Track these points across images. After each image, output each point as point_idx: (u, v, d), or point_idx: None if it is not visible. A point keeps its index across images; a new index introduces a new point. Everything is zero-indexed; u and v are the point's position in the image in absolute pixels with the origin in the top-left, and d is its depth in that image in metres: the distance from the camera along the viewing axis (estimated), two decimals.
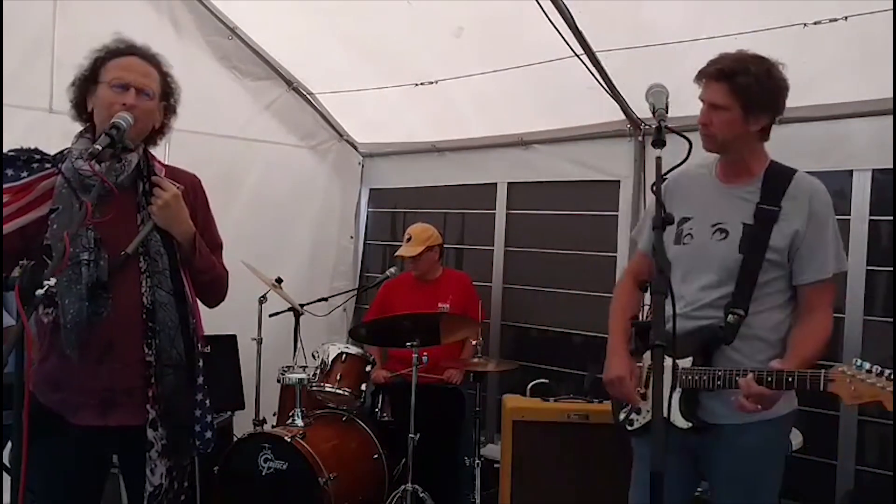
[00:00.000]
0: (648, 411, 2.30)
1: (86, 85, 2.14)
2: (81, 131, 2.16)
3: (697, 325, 2.19)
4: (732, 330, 2.14)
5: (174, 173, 2.26)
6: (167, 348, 2.08)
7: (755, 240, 2.16)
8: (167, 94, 2.21)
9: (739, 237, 2.19)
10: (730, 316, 2.14)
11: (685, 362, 2.19)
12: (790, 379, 1.98)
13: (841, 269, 2.22)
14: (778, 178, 2.22)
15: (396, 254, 4.31)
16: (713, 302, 2.19)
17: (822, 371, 1.96)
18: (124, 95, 2.07)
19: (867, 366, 1.89)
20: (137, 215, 2.12)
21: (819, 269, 2.17)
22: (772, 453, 2.27)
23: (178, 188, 2.14)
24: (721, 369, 2.10)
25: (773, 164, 2.27)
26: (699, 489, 2.55)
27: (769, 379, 2.00)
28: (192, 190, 2.28)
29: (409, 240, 4.29)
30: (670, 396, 2.17)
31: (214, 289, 2.31)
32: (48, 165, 2.06)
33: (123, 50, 2.15)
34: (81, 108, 2.16)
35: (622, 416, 2.40)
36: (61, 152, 2.14)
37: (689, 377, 2.16)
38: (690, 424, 2.19)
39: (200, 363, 2.20)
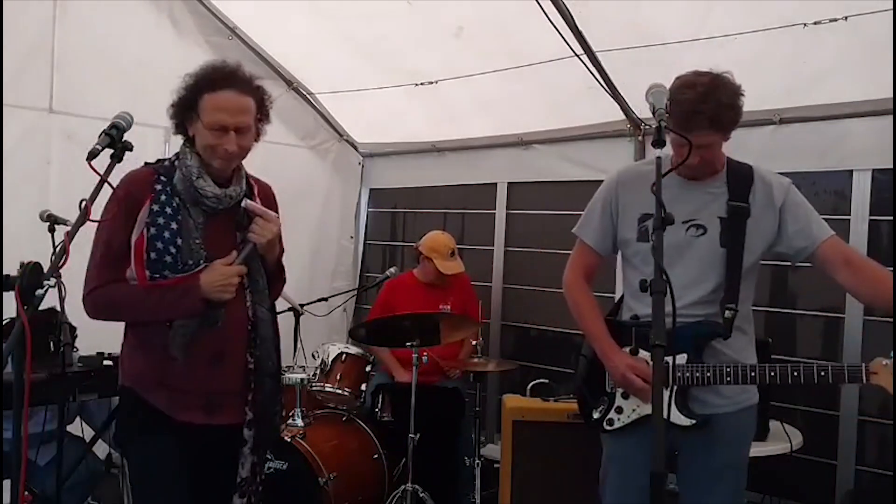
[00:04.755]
0: (634, 410, 2.29)
1: (184, 112, 2.15)
2: (190, 146, 2.17)
3: (685, 321, 2.16)
4: (729, 325, 2.18)
5: (258, 181, 2.35)
6: (265, 359, 2.22)
7: (733, 233, 2.20)
8: (260, 109, 2.23)
9: (718, 232, 2.21)
10: (727, 312, 2.17)
11: (679, 359, 2.20)
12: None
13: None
14: (740, 176, 2.26)
15: (444, 271, 4.17)
16: (701, 298, 2.20)
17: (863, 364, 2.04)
18: (224, 138, 2.10)
19: None
20: (237, 233, 2.20)
21: (822, 226, 2.21)
22: (750, 438, 2.38)
23: (276, 218, 2.23)
24: (729, 365, 2.15)
25: (730, 159, 2.29)
26: (671, 484, 2.52)
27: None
28: (269, 200, 2.37)
29: (452, 254, 4.25)
30: (667, 394, 2.15)
31: (278, 292, 2.46)
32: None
33: (220, 82, 2.13)
34: (182, 129, 2.19)
35: (597, 415, 2.36)
36: (172, 161, 2.18)
37: (688, 374, 2.18)
38: (693, 422, 2.20)
39: None
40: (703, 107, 2.07)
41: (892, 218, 3.30)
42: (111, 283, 2.08)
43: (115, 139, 1.95)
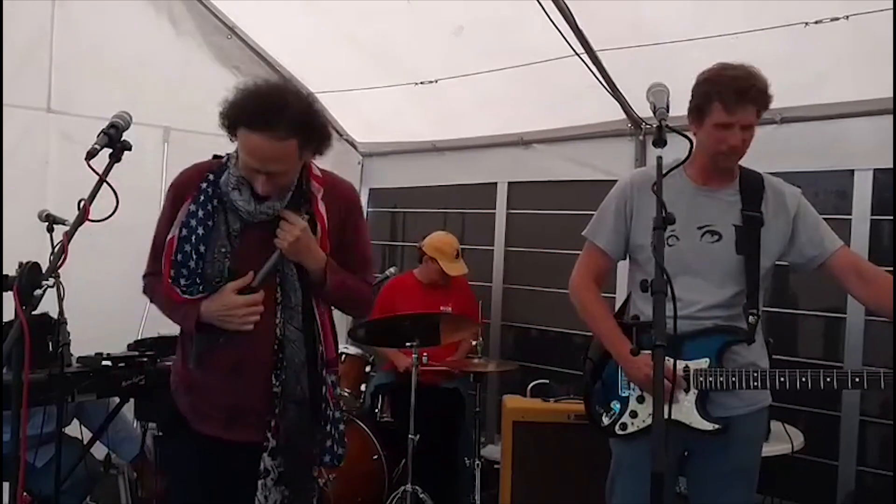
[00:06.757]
0: (650, 414, 2.27)
1: (229, 127, 2.01)
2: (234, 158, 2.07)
3: (705, 326, 2.19)
4: (752, 330, 2.20)
5: (334, 184, 2.17)
6: (292, 384, 2.07)
7: (749, 241, 2.21)
8: (306, 146, 2.00)
9: (734, 239, 2.22)
10: (750, 317, 2.19)
11: (700, 363, 2.20)
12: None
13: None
14: (752, 184, 2.27)
15: (450, 272, 4.18)
16: (719, 303, 2.21)
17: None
18: (256, 177, 1.97)
19: None
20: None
21: (832, 236, 2.25)
22: (763, 439, 2.45)
23: (304, 217, 2.05)
24: (756, 370, 2.17)
25: (741, 167, 2.30)
26: (678, 487, 2.52)
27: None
28: (346, 203, 2.19)
29: (457, 255, 4.25)
30: (687, 398, 2.21)
31: (349, 305, 2.31)
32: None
33: (257, 120, 1.91)
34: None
35: (607, 420, 2.35)
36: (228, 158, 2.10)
37: (711, 378, 2.19)
38: (717, 426, 2.20)
39: (325, 390, 2.15)
40: (754, 82, 2.11)
41: (892, 217, 3.29)
42: (156, 274, 2.12)
43: (114, 139, 1.92)
